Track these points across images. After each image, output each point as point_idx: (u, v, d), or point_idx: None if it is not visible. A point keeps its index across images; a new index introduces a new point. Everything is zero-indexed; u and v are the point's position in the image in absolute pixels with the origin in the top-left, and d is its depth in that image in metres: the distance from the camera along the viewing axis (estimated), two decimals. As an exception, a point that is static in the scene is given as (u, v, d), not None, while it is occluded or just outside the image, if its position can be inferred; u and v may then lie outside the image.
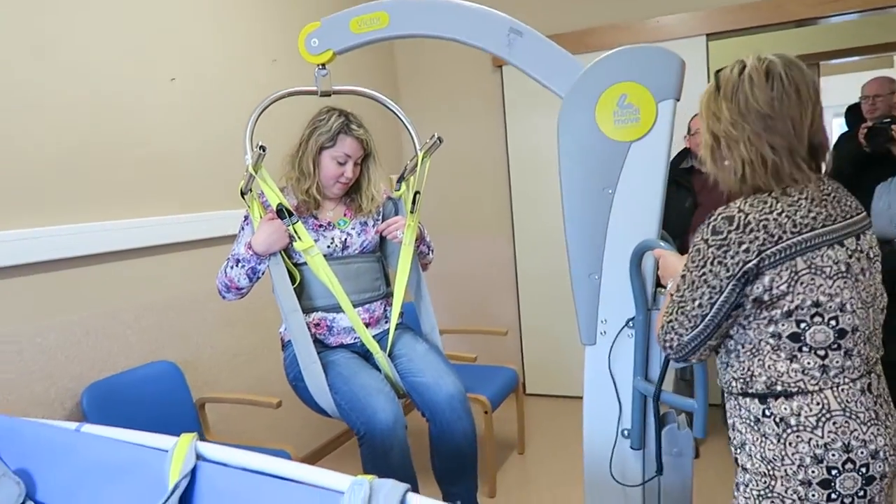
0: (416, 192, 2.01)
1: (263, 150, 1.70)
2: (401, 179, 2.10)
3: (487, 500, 2.76)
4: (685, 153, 3.06)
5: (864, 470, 1.11)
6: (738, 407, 1.23)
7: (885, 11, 3.24)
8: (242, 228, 1.92)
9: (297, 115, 2.00)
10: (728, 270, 1.12)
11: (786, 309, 1.11)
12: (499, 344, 3.87)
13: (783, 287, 1.10)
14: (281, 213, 1.81)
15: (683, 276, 1.20)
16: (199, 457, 1.11)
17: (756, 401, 1.18)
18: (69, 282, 2.12)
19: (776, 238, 1.10)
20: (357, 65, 3.61)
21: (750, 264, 1.10)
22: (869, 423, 1.13)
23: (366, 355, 1.98)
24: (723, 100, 1.17)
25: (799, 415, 1.13)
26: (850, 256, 1.14)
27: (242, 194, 1.82)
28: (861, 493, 1.12)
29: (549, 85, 1.65)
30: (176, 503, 1.03)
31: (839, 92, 5.29)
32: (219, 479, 1.07)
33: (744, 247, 1.11)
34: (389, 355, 1.96)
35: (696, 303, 1.16)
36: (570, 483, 2.82)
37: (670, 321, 1.22)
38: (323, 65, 1.90)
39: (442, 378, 1.88)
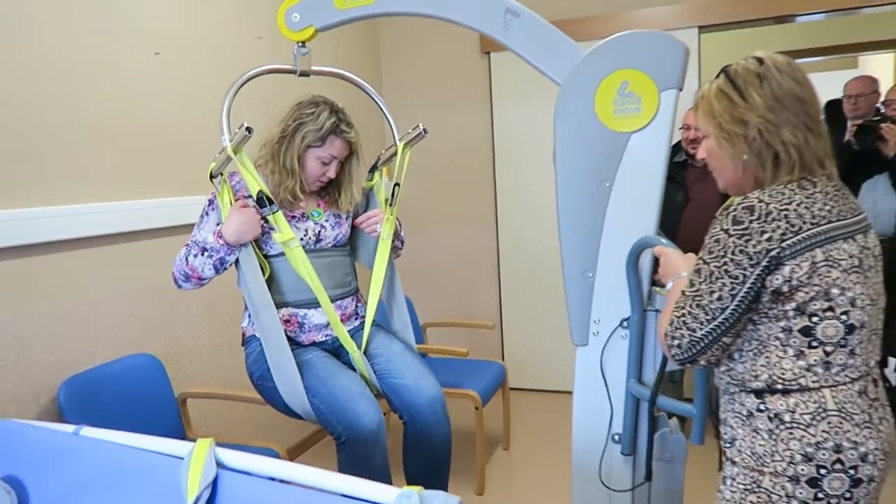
0: (396, 185, 1.92)
1: (249, 132, 1.57)
2: (373, 169, 2.01)
3: (476, 497, 2.71)
4: (678, 147, 3.01)
5: (852, 472, 1.11)
6: (731, 402, 1.21)
7: (880, 9, 3.22)
8: (206, 214, 1.78)
9: (273, 95, 1.88)
10: (751, 259, 1.10)
11: (801, 301, 1.10)
12: (480, 337, 3.80)
13: (803, 278, 1.09)
14: (261, 200, 1.69)
15: (698, 270, 1.15)
16: (218, 464, 1.02)
17: (752, 396, 1.17)
18: (44, 269, 1.98)
19: (797, 228, 1.09)
20: (338, 47, 3.49)
21: (773, 252, 1.09)
22: (862, 426, 1.12)
23: (337, 353, 1.89)
24: (750, 88, 1.16)
25: (794, 411, 1.12)
26: (861, 252, 1.14)
27: (212, 177, 1.69)
28: (847, 494, 1.11)
29: (547, 70, 1.56)
30: None
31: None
32: (243, 489, 0.98)
33: (766, 235, 1.09)
34: (364, 354, 1.88)
35: (716, 295, 1.12)
36: (557, 479, 2.77)
37: (682, 315, 1.16)
38: (303, 42, 1.79)
39: (423, 380, 1.83)
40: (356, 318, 1.95)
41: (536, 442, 3.23)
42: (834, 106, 3.97)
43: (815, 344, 1.11)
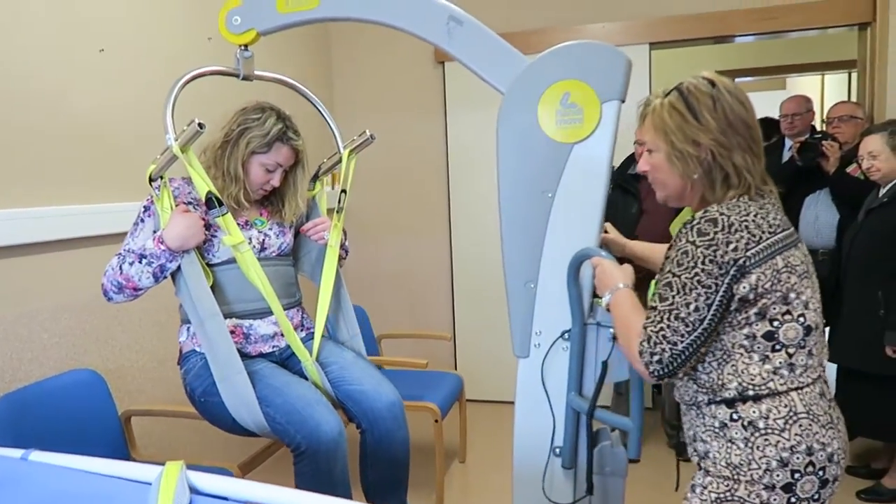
0: (343, 192, 1.88)
1: (202, 128, 1.49)
2: (315, 177, 1.97)
3: (434, 511, 2.66)
4: (632, 159, 3.04)
5: (821, 473, 1.14)
6: (701, 416, 1.22)
7: (826, 31, 3.40)
8: (142, 220, 1.69)
9: (213, 100, 1.81)
10: (720, 268, 1.12)
11: (762, 307, 1.14)
12: (434, 348, 3.76)
13: (767, 285, 1.13)
14: (211, 201, 1.60)
15: (669, 284, 1.15)
16: (192, 490, 0.94)
17: (723, 406, 1.18)
18: None
19: (758, 238, 1.13)
20: (289, 54, 3.44)
21: (739, 262, 1.12)
22: (827, 426, 1.16)
23: (285, 364, 1.83)
24: (703, 109, 1.18)
25: (767, 417, 1.14)
26: (805, 258, 1.20)
27: (151, 180, 1.61)
28: (816, 496, 1.14)
29: (490, 79, 1.55)
30: None
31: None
32: None
33: (731, 245, 1.12)
34: (317, 363, 1.83)
35: (692, 306, 1.13)
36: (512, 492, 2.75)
37: (660, 330, 1.15)
38: (246, 46, 1.75)
39: (381, 386, 1.80)
40: (302, 330, 1.90)
41: (492, 454, 3.20)
42: (766, 124, 4.14)
43: (778, 347, 1.15)
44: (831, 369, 3.01)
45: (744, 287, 1.13)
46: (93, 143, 2.23)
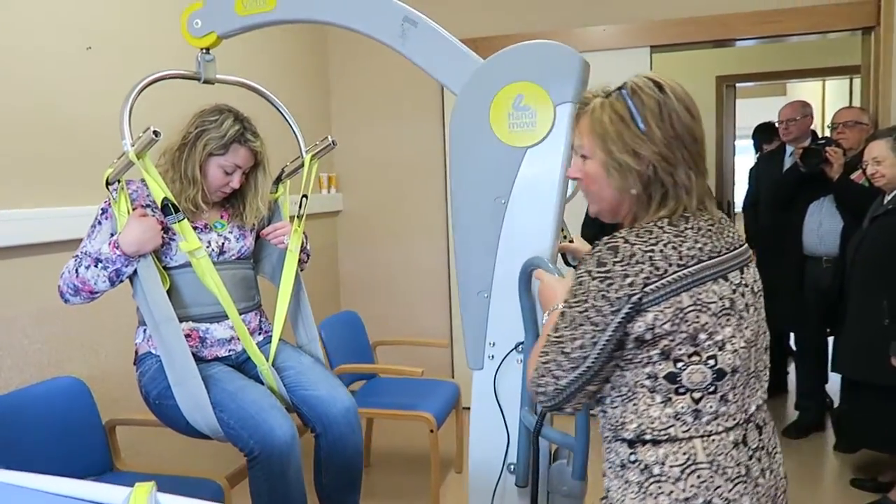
0: (304, 196, 1.88)
1: (157, 136, 1.50)
2: (278, 180, 1.96)
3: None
4: None
5: None
6: (608, 451, 1.12)
7: (827, 37, 3.31)
8: (99, 223, 1.70)
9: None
10: (612, 305, 1.00)
11: (665, 347, 1.01)
12: (430, 355, 3.71)
13: (666, 326, 1.00)
14: (167, 208, 1.61)
15: (563, 314, 1.06)
16: None
17: (625, 445, 1.07)
18: None
19: (662, 271, 0.99)
20: (285, 58, 3.41)
21: (635, 298, 0.99)
22: (736, 481, 1.02)
23: (241, 368, 1.82)
24: (650, 117, 1.04)
25: (664, 463, 1.03)
26: (734, 291, 1.04)
27: (108, 184, 1.61)
28: None
29: (444, 81, 1.52)
30: None
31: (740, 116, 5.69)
32: None
33: (628, 280, 0.99)
34: (273, 367, 1.82)
35: (578, 342, 1.03)
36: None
37: (546, 363, 1.06)
38: (207, 49, 1.74)
39: (336, 391, 1.81)
40: (260, 333, 1.89)
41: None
42: (768, 130, 4.06)
43: (681, 391, 1.02)
44: (835, 379, 2.93)
45: (639, 326, 1.00)
46: (76, 144, 2.19)
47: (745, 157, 5.54)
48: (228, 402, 1.65)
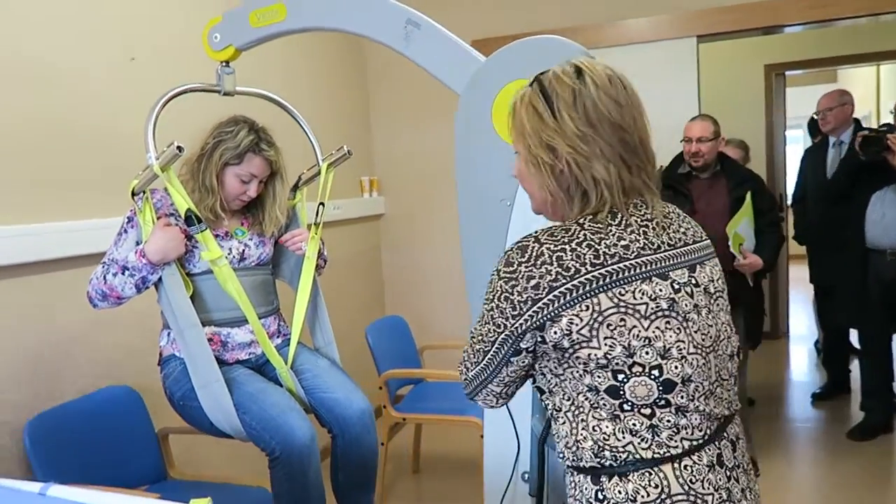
0: (321, 204, 1.93)
1: (180, 151, 1.57)
2: (295, 188, 2.01)
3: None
4: (680, 158, 2.90)
5: None
6: (573, 485, 1.00)
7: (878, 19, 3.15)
8: (125, 231, 1.75)
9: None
10: (514, 308, 0.94)
11: (595, 356, 0.91)
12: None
13: (584, 331, 0.90)
14: (190, 219, 1.68)
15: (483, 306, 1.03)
16: None
17: (589, 479, 0.96)
18: (3, 294, 1.81)
19: (571, 272, 0.91)
20: (323, 64, 3.41)
21: (541, 300, 0.91)
22: None
23: (261, 370, 1.88)
24: (562, 106, 0.94)
25: (634, 500, 0.92)
26: (678, 291, 0.94)
27: (133, 194, 1.68)
28: None
29: (447, 82, 1.50)
30: None
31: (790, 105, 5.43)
32: None
33: (532, 282, 0.92)
34: (291, 370, 1.88)
35: (484, 339, 1.01)
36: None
37: (464, 350, 1.07)
38: (227, 62, 1.80)
39: (353, 394, 1.87)
40: (279, 336, 1.95)
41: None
42: (815, 121, 3.86)
43: (626, 407, 0.92)
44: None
45: (555, 333, 0.92)
46: (124, 158, 2.05)
47: (796, 147, 5.28)
48: (250, 404, 1.71)
